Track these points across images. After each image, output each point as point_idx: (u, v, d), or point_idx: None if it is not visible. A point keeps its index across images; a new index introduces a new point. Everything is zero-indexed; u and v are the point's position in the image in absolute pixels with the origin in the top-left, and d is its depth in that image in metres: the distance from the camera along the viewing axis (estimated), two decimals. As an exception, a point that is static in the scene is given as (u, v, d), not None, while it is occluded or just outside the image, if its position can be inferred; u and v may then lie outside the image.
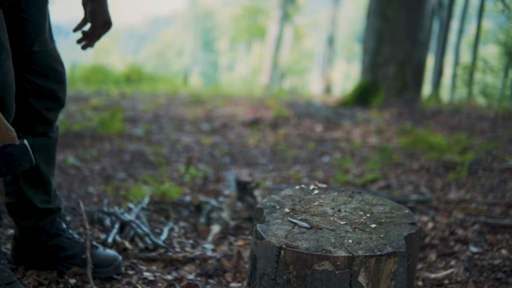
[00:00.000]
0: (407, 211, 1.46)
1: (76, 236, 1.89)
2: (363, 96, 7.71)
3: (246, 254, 2.14)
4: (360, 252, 1.19)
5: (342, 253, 1.18)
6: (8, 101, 1.48)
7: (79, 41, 1.81)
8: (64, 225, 1.87)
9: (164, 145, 4.84)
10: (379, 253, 1.19)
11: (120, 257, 1.90)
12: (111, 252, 1.92)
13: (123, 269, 1.93)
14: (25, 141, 1.37)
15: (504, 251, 2.18)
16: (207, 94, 10.11)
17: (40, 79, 1.67)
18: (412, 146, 4.54)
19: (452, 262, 2.14)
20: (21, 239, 1.80)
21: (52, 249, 1.80)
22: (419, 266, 2.15)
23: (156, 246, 2.17)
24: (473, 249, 2.25)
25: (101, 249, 1.91)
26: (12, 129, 1.36)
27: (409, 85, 7.72)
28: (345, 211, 1.45)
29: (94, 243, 1.94)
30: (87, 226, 1.91)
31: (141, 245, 2.18)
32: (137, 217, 2.46)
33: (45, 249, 1.80)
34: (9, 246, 1.97)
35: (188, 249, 2.25)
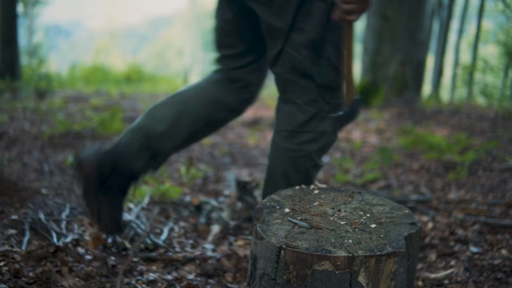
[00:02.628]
0: (407, 211, 1.46)
1: None
2: (363, 96, 7.66)
3: (245, 254, 2.14)
4: (360, 252, 1.19)
5: (342, 253, 1.18)
6: None
7: None
8: None
9: (164, 145, 4.84)
10: (379, 253, 1.19)
11: None
12: None
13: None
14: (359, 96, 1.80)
15: (504, 251, 2.18)
16: (207, 94, 10.08)
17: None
18: (412, 146, 4.54)
19: (452, 262, 2.14)
20: None
21: None
22: (419, 266, 2.15)
23: (156, 246, 2.17)
24: (473, 249, 2.25)
25: None
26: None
27: (409, 85, 7.72)
28: (345, 211, 1.45)
29: None
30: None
31: (141, 245, 2.18)
32: (137, 217, 2.46)
33: None
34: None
35: (188, 249, 2.25)
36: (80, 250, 2.04)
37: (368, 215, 1.43)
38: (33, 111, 5.93)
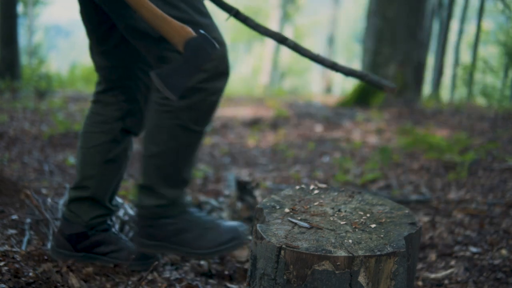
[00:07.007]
0: (407, 211, 1.46)
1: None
2: (363, 96, 7.70)
3: (242, 254, 2.14)
4: (360, 252, 1.19)
5: (342, 253, 1.18)
6: None
7: None
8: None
9: (164, 145, 4.83)
10: (379, 253, 1.19)
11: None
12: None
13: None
14: (202, 30, 1.41)
15: (504, 251, 2.18)
16: (207, 94, 10.06)
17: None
18: (412, 146, 4.54)
19: (452, 262, 2.13)
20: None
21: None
22: (419, 266, 2.14)
23: (156, 246, 2.16)
24: (473, 249, 2.25)
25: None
26: (184, 25, 1.39)
27: (409, 85, 7.72)
28: (345, 211, 1.45)
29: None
30: None
31: (141, 245, 2.17)
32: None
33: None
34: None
35: (188, 249, 2.24)
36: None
37: (368, 215, 1.43)
38: (33, 111, 5.93)
